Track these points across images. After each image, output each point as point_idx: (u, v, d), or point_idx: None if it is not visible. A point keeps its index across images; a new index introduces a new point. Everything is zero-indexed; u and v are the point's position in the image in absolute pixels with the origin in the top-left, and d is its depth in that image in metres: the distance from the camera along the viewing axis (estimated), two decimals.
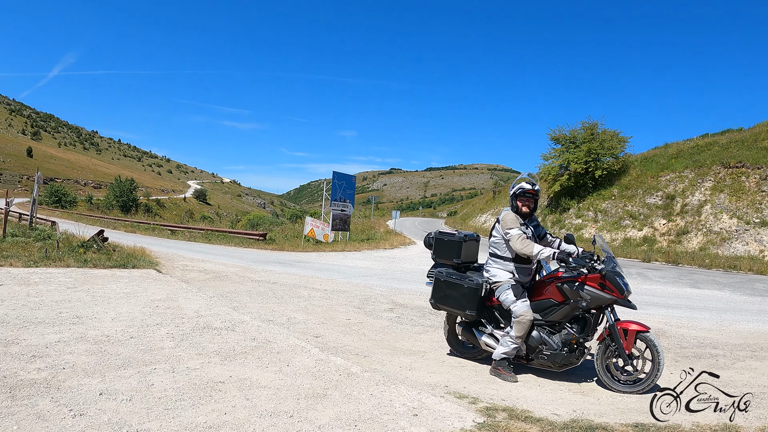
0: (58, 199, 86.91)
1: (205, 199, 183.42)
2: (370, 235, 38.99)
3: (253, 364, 6.94)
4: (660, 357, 6.65)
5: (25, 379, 5.77)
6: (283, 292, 13.80)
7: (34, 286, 11.32)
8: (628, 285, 7.05)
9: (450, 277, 8.05)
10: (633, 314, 8.65)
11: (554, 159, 45.57)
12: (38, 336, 7.57)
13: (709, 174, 36.35)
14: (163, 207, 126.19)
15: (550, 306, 7.42)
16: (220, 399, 5.56)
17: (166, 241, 32.64)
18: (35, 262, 14.29)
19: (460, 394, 6.35)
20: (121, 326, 8.46)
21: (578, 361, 7.34)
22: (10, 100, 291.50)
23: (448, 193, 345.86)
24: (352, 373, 6.74)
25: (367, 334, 9.85)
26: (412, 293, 14.64)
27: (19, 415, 4.88)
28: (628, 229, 37.32)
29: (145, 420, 4.93)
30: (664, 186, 38.44)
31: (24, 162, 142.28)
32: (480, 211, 72.06)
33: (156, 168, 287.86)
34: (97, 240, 17.59)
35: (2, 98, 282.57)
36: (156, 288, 12.30)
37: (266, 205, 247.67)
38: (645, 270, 23.88)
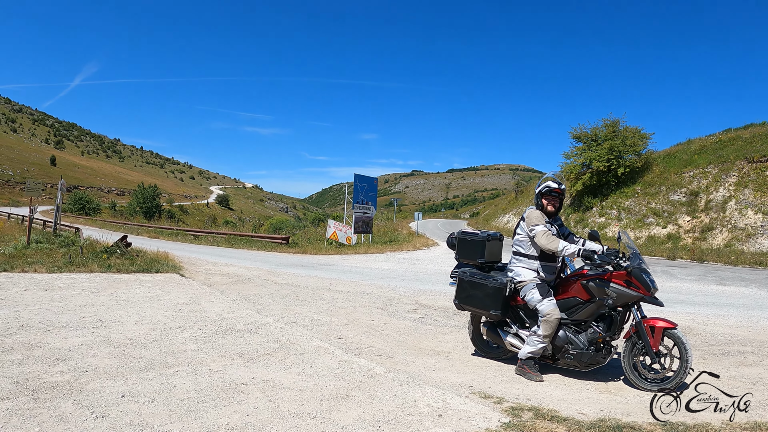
0: (82, 206, 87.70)
1: (228, 204, 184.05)
2: (393, 237, 38.94)
3: (276, 365, 6.91)
4: (688, 354, 6.52)
5: (47, 382, 5.77)
6: (306, 295, 13.78)
7: (57, 291, 11.37)
8: (654, 281, 6.93)
9: (474, 277, 7.96)
10: (659, 311, 8.55)
11: (576, 157, 45.23)
12: (61, 339, 7.59)
13: (732, 169, 35.95)
14: (186, 213, 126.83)
15: (575, 304, 7.32)
16: (243, 400, 5.53)
17: (189, 246, 32.79)
18: (59, 267, 14.36)
19: (486, 394, 6.29)
20: (143, 329, 8.47)
21: (605, 360, 7.23)
22: (33, 110, 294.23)
23: (470, 194, 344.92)
24: (376, 373, 6.68)
25: (391, 335, 9.80)
26: (435, 294, 14.55)
27: (42, 417, 4.87)
28: (652, 227, 36.98)
29: (167, 422, 4.91)
30: (688, 182, 38.05)
31: (48, 170, 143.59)
32: (502, 212, 71.85)
33: (178, 174, 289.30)
34: (121, 245, 17.65)
35: (25, 108, 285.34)
36: (179, 291, 12.32)
37: (288, 210, 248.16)
38: (670, 267, 23.68)
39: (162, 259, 17.58)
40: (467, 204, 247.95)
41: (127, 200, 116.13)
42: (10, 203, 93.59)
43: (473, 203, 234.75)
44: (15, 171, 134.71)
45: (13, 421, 4.77)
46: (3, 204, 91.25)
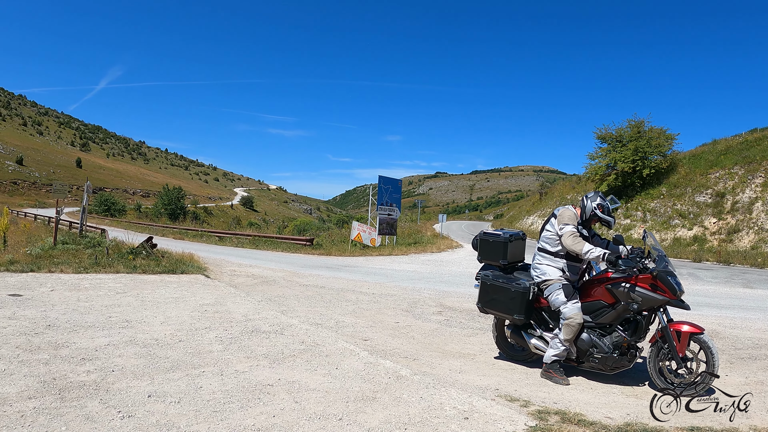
0: (108, 207, 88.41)
1: (252, 206, 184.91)
2: (417, 238, 38.87)
3: (301, 367, 6.90)
4: (715, 359, 6.42)
5: (74, 381, 5.80)
6: (331, 296, 13.77)
7: (84, 291, 11.44)
8: (680, 284, 6.82)
9: (496, 280, 7.89)
10: (685, 315, 8.45)
11: (601, 158, 45.01)
12: (88, 339, 7.62)
13: (759, 170, 35.50)
14: (211, 214, 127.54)
15: (600, 308, 7.24)
16: (269, 402, 5.52)
17: (214, 247, 32.92)
18: (85, 268, 14.45)
19: (511, 397, 6.26)
20: (170, 330, 8.50)
21: (630, 364, 7.13)
22: (59, 113, 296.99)
23: (494, 195, 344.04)
24: (402, 376, 6.66)
25: (416, 337, 9.76)
26: (460, 296, 14.50)
27: (68, 416, 4.89)
28: (678, 229, 36.63)
29: (193, 422, 4.91)
30: (714, 183, 37.60)
31: (74, 172, 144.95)
32: (527, 213, 71.44)
33: (203, 176, 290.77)
34: (146, 246, 17.74)
35: (51, 111, 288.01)
36: (204, 293, 12.37)
37: (312, 211, 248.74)
38: (696, 270, 23.45)
39: (187, 260, 17.65)
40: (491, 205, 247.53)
41: (152, 202, 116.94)
42: (37, 204, 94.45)
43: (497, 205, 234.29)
44: (41, 173, 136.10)
45: (40, 419, 4.79)
46: (30, 205, 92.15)
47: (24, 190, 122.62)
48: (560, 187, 69.06)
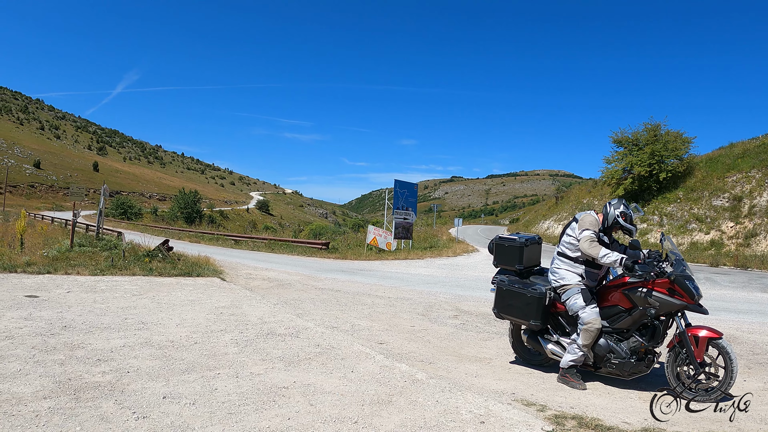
0: (124, 211, 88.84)
1: (268, 209, 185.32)
2: (433, 243, 38.85)
3: (317, 370, 6.88)
4: (733, 364, 6.35)
5: (89, 382, 5.80)
6: (347, 300, 13.76)
7: (100, 293, 11.47)
8: (698, 288, 6.76)
9: (512, 286, 7.86)
10: (703, 319, 8.38)
11: (617, 162, 44.88)
12: (104, 341, 7.63)
13: None
14: (227, 218, 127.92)
15: (617, 313, 7.19)
16: (284, 404, 5.50)
17: (230, 250, 33.01)
18: (102, 270, 14.50)
19: (528, 402, 6.22)
20: (185, 332, 8.50)
21: (647, 369, 7.07)
22: (76, 117, 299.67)
23: (509, 200, 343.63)
24: (417, 379, 6.63)
25: (432, 340, 9.72)
26: (476, 300, 14.47)
27: (83, 416, 4.90)
28: (695, 233, 36.38)
29: (207, 424, 4.90)
30: (731, 187, 37.36)
31: (90, 176, 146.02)
32: (543, 218, 71.25)
33: (219, 180, 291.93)
34: (162, 249, 17.78)
35: (68, 116, 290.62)
36: (220, 295, 12.37)
37: (328, 215, 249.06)
38: (713, 275, 23.34)
39: (203, 263, 17.70)
40: (507, 210, 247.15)
41: (169, 205, 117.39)
42: (54, 207, 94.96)
43: (513, 209, 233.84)
44: (58, 176, 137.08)
45: (55, 419, 4.79)
46: (47, 208, 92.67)
47: (41, 193, 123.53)
48: (576, 191, 68.88)
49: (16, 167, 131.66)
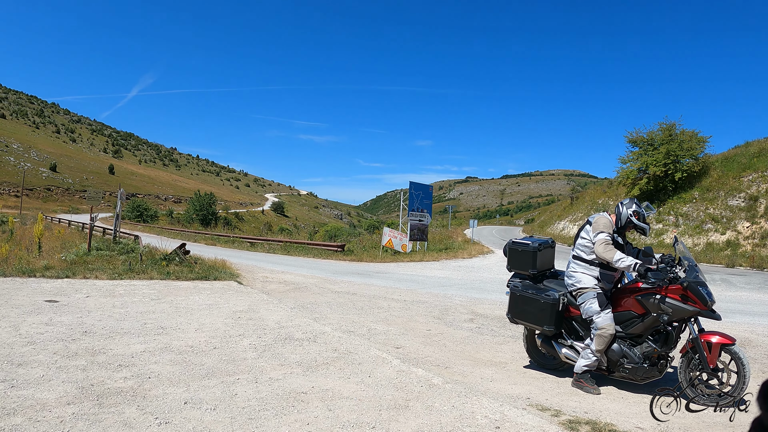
0: (140, 213, 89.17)
1: (283, 211, 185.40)
2: (448, 244, 38.80)
3: (335, 375, 6.93)
4: (746, 370, 6.36)
5: (112, 388, 5.88)
6: (363, 303, 13.80)
7: (119, 297, 11.57)
8: (711, 294, 6.76)
9: (526, 291, 7.89)
10: (717, 325, 8.39)
11: (632, 162, 44.54)
12: (124, 346, 7.72)
13: None
14: (242, 220, 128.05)
15: (630, 318, 7.20)
16: (303, 409, 5.55)
17: (246, 253, 33.09)
18: (120, 274, 14.63)
19: (543, 407, 6.25)
20: (204, 337, 8.57)
21: (660, 374, 7.09)
22: (92, 121, 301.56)
23: (524, 200, 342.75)
24: (434, 384, 6.67)
25: (448, 344, 9.74)
26: (491, 303, 14.46)
27: (106, 422, 4.97)
28: (711, 233, 36.07)
29: (228, 429, 4.96)
30: (747, 186, 37.02)
31: (106, 179, 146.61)
32: (558, 218, 70.98)
33: (234, 182, 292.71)
34: (179, 253, 17.89)
35: (84, 119, 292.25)
36: (237, 299, 12.45)
37: (343, 217, 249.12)
38: (729, 276, 23.12)
39: (220, 266, 17.80)
40: (522, 210, 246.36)
41: (184, 208, 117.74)
42: (70, 210, 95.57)
43: (528, 209, 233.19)
44: (75, 179, 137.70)
45: (79, 425, 4.86)
46: (63, 211, 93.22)
47: (57, 196, 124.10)
48: (591, 191, 68.63)
49: (33, 171, 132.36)
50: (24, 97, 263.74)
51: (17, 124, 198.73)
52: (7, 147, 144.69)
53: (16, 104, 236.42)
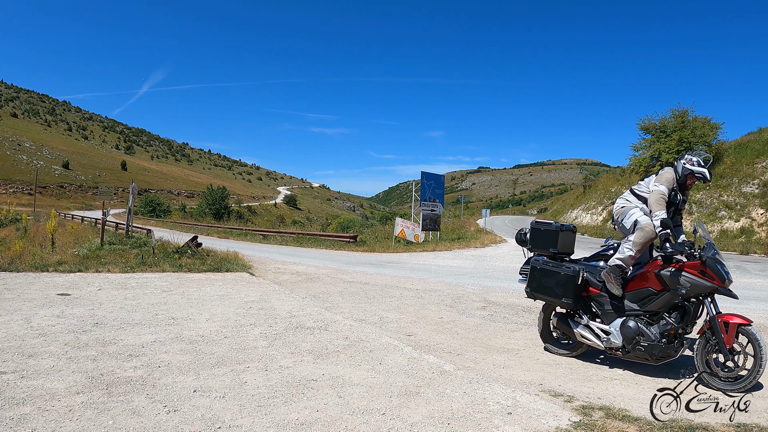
0: (153, 208, 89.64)
1: (296, 204, 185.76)
2: (461, 234, 38.80)
3: (345, 362, 6.90)
4: (763, 352, 6.28)
5: (121, 377, 5.87)
6: (375, 293, 13.77)
7: (131, 290, 11.59)
8: (729, 273, 6.73)
9: (546, 265, 7.93)
10: (733, 308, 8.34)
11: (645, 150, 44.45)
12: (135, 336, 7.72)
13: None
14: (255, 213, 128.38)
15: (648, 295, 7.17)
16: (313, 396, 5.53)
17: (258, 245, 33.13)
18: (132, 267, 14.66)
19: (555, 393, 6.21)
20: (215, 327, 8.57)
21: (677, 353, 7.03)
22: (104, 118, 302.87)
23: (537, 189, 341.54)
24: (445, 371, 6.64)
25: (460, 332, 9.71)
26: (504, 291, 14.40)
27: (115, 410, 4.95)
28: (725, 221, 35.87)
29: (237, 416, 4.94)
30: (761, 173, 36.75)
31: (119, 175, 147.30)
32: (570, 207, 70.73)
33: (246, 176, 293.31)
34: (191, 246, 17.91)
35: (96, 116, 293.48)
36: (249, 290, 12.45)
37: (355, 208, 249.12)
38: (743, 263, 23.02)
39: (232, 258, 17.82)
40: (534, 200, 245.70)
41: (197, 202, 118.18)
42: (83, 207, 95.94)
43: (540, 199, 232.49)
44: (87, 176, 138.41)
45: (88, 414, 4.85)
46: (76, 208, 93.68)
47: (70, 193, 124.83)
48: (604, 179, 68.36)
49: (46, 168, 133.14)
50: (35, 95, 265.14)
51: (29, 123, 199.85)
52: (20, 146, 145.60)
53: (27, 103, 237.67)
